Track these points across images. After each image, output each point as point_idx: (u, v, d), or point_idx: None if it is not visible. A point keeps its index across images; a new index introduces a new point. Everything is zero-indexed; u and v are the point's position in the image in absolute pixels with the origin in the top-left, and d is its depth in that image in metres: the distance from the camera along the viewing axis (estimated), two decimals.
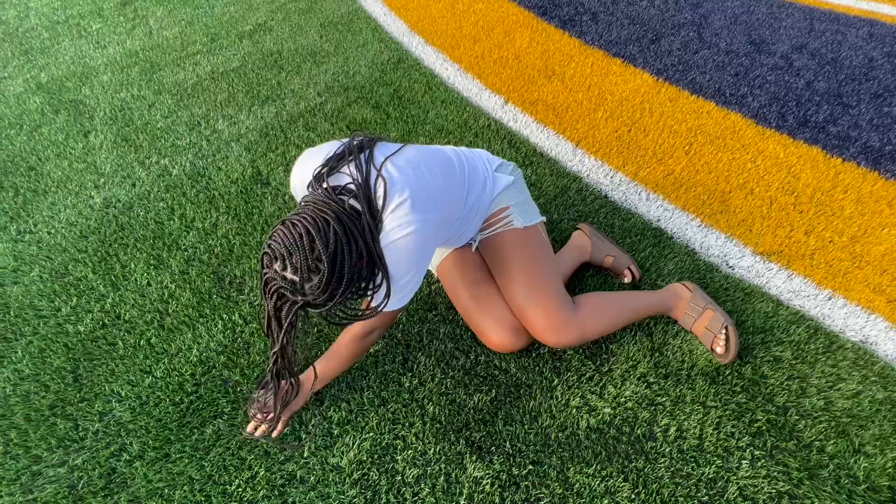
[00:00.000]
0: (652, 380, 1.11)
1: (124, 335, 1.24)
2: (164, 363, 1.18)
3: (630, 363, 1.14)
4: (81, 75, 2.27)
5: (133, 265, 1.41)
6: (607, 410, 1.07)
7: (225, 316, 1.27)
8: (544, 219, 1.18)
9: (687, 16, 2.55)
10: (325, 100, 2.02)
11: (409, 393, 1.11)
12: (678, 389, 1.09)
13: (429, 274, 1.35)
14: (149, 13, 2.77)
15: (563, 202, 1.55)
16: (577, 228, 1.37)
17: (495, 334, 1.10)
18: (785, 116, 1.86)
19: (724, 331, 1.09)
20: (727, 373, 1.12)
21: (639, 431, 1.03)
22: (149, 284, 1.36)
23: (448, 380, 1.13)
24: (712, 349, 1.12)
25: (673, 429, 1.03)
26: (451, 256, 1.18)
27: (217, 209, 1.57)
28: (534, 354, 1.16)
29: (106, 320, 1.28)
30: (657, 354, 1.16)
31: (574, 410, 1.07)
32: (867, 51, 2.24)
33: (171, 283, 1.36)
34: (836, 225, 1.44)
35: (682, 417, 1.05)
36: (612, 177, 1.63)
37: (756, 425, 1.03)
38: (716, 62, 2.18)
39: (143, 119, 1.97)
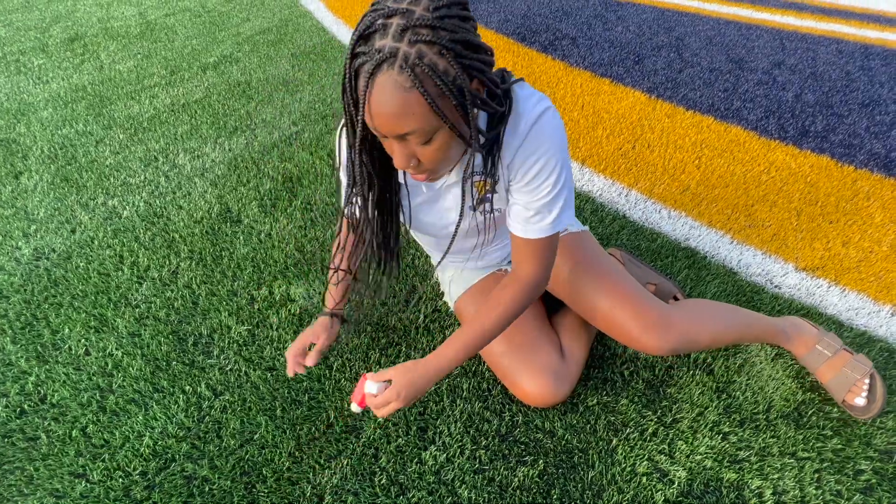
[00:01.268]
0: (727, 429, 0.92)
1: (50, 425, 0.95)
2: (104, 460, 0.89)
3: (696, 410, 0.95)
4: (16, 112, 2.00)
5: (67, 329, 1.13)
6: (683, 474, 0.86)
7: (188, 388, 1.00)
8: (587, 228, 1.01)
9: (663, 38, 2.56)
10: (301, 128, 1.83)
11: (434, 474, 0.86)
12: (760, 439, 0.90)
13: (441, 317, 1.14)
14: (100, 48, 2.55)
15: (582, 222, 1.39)
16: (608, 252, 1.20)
17: (530, 382, 0.89)
18: (785, 128, 1.81)
19: (868, 378, 0.91)
20: (810, 413, 0.94)
21: (728, 500, 0.83)
22: (87, 353, 1.08)
23: (481, 451, 0.89)
24: (844, 401, 0.92)
25: (768, 491, 0.83)
26: (476, 289, 0.98)
27: (177, 254, 1.31)
28: (581, 408, 0.95)
29: (26, 405, 0.98)
30: (724, 396, 0.97)
31: (644, 479, 0.85)
32: (841, 65, 2.28)
33: (116, 349, 1.08)
34: (871, 234, 1.34)
35: (775, 475, 0.85)
36: (626, 195, 1.49)
37: (863, 478, 0.84)
38: (703, 79, 2.16)
39: (89, 156, 1.71)
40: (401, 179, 0.75)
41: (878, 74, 2.18)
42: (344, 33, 2.63)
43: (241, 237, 1.36)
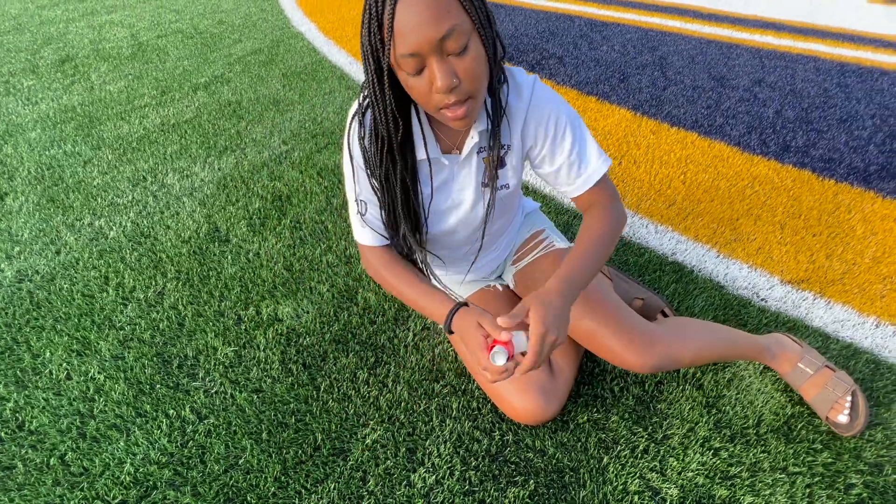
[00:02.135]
0: (717, 444, 0.91)
1: (27, 453, 0.92)
2: (82, 489, 0.86)
3: (687, 425, 0.94)
4: (3, 133, 1.99)
5: (49, 353, 1.10)
6: (675, 492, 0.85)
7: (171, 411, 0.98)
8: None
9: (647, 57, 2.63)
10: (291, 147, 1.84)
11: (424, 497, 0.85)
12: (751, 454, 0.90)
13: (430, 335, 1.13)
14: (91, 69, 2.57)
15: (569, 240, 1.40)
16: None
17: (519, 399, 0.88)
18: (766, 143, 1.86)
19: (850, 395, 0.92)
20: (799, 426, 0.94)
21: None
22: (69, 377, 1.05)
23: (471, 472, 0.88)
24: (828, 418, 0.92)
25: None
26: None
27: (164, 275, 1.30)
28: (571, 426, 0.95)
29: (3, 433, 0.95)
30: (714, 411, 0.97)
31: (636, 498, 0.84)
32: (819, 82, 2.35)
33: (99, 373, 1.06)
34: (853, 246, 1.36)
35: (767, 491, 0.84)
36: None
37: (854, 492, 0.84)
38: (686, 96, 2.21)
39: (77, 177, 1.70)
40: (421, 155, 0.76)
41: (855, 91, 2.25)
42: (335, 53, 2.67)
43: (229, 256, 1.35)
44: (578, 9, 3.33)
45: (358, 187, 0.80)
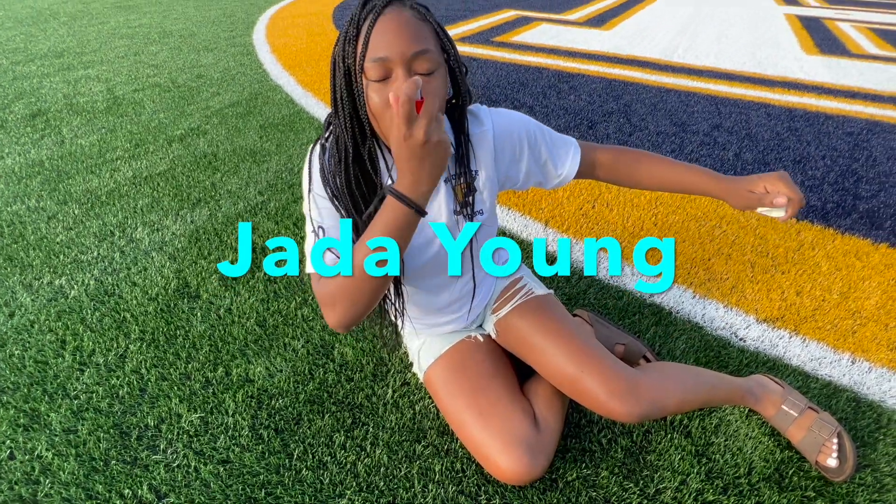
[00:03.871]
0: (711, 497, 0.88)
1: None
2: None
3: (679, 477, 0.91)
4: None
5: None
6: None
7: (127, 491, 0.89)
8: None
9: (612, 105, 2.78)
10: (267, 198, 1.83)
11: None
12: None
13: (411, 391, 1.09)
14: (63, 123, 2.54)
15: (546, 285, 1.40)
16: (575, 315, 1.20)
17: (504, 456, 0.83)
18: None
19: (836, 437, 0.91)
20: (790, 473, 0.92)
21: None
22: (11, 457, 0.95)
23: None
24: (817, 463, 0.90)
25: None
26: (446, 358, 0.95)
27: (127, 335, 1.23)
28: (560, 484, 0.90)
29: None
30: (705, 460, 0.94)
31: None
32: (771, 126, 2.51)
33: (47, 450, 0.96)
34: (821, 282, 1.41)
35: None
36: None
37: None
38: (651, 141, 2.32)
39: (38, 233, 1.63)
40: (386, 180, 0.76)
41: (805, 134, 2.41)
42: (313, 105, 2.73)
43: (199, 314, 1.29)
44: (546, 61, 3.53)
45: (317, 213, 0.74)
